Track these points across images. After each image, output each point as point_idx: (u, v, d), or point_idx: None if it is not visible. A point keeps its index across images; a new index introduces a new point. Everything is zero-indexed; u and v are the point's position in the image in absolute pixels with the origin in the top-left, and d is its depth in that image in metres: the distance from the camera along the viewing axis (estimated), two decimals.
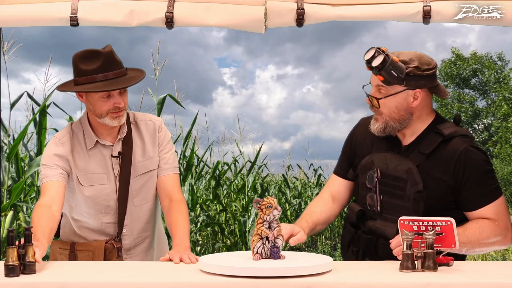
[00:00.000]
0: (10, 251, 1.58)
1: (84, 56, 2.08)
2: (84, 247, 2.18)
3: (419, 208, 1.93)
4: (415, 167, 1.96)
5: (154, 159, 2.23)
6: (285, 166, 11.79)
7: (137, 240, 2.23)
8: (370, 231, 2.02)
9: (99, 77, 2.06)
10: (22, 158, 5.89)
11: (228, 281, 1.52)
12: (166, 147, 2.26)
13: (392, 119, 1.99)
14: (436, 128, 1.99)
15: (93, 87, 2.05)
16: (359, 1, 2.05)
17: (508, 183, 19.00)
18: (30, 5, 2.08)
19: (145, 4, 2.07)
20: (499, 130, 22.06)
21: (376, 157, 2.05)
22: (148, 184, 2.22)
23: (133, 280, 1.56)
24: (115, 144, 2.19)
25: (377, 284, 1.53)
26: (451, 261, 1.74)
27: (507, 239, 1.92)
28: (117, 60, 2.11)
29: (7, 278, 1.56)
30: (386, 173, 2.01)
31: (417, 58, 1.95)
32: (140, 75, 2.15)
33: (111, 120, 2.11)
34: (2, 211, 4.54)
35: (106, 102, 2.08)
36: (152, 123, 2.28)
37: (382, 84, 1.96)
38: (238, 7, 2.07)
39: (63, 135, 2.20)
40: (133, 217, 2.20)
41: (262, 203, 1.65)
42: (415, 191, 1.94)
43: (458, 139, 1.96)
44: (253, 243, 1.67)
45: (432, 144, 1.97)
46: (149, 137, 2.24)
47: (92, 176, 2.16)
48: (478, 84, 25.71)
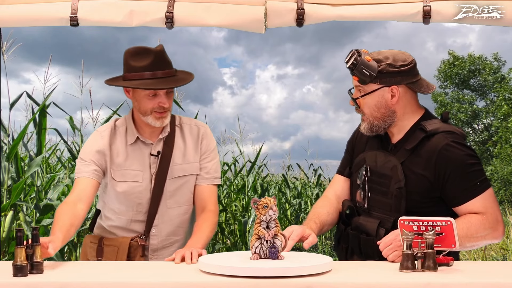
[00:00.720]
0: (18, 251, 1.58)
1: (135, 52, 2.09)
2: (111, 242, 2.18)
3: (401, 205, 1.95)
4: (399, 164, 1.98)
5: (193, 164, 2.21)
6: (285, 166, 11.79)
7: (165, 242, 2.21)
8: (355, 227, 2.06)
9: (148, 74, 2.06)
10: (22, 158, 5.90)
11: (228, 281, 1.52)
12: (209, 156, 2.24)
13: (374, 118, 2.03)
14: (420, 124, 2.01)
15: (140, 84, 2.06)
16: (359, 1, 2.05)
17: (508, 183, 18.99)
18: (30, 5, 2.08)
19: (145, 4, 2.07)
20: (499, 130, 22.06)
21: (368, 155, 2.09)
22: (183, 188, 2.20)
23: (133, 280, 1.56)
24: (156, 143, 2.19)
25: (377, 284, 1.53)
26: (451, 261, 1.74)
27: (498, 232, 1.90)
28: (167, 60, 2.11)
29: (15, 277, 1.56)
30: (374, 171, 2.04)
31: (392, 56, 1.98)
32: (188, 77, 2.15)
33: (154, 120, 2.11)
34: (2, 211, 4.54)
35: (152, 101, 2.09)
36: (197, 128, 2.27)
37: (359, 84, 2.02)
38: (238, 7, 2.07)
39: (104, 129, 2.21)
40: (164, 218, 2.18)
41: (259, 203, 1.66)
42: (396, 188, 1.96)
43: (441, 135, 1.96)
44: (251, 243, 1.67)
45: (415, 140, 1.99)
46: (191, 142, 2.23)
47: (127, 172, 2.16)
48: (477, 84, 25.72)
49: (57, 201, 5.13)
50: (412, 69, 2.00)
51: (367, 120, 2.05)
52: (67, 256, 5.56)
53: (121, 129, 2.21)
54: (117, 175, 2.16)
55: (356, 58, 1.96)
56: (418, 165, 1.96)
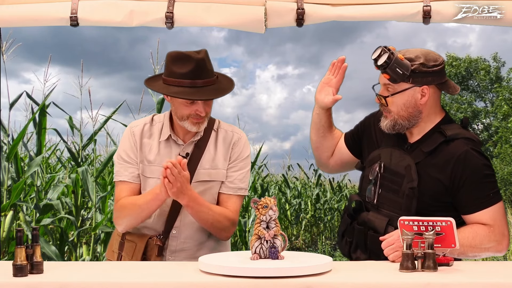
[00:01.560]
0: (18, 251, 1.57)
1: (176, 57, 2.05)
2: (131, 237, 2.17)
3: (412, 205, 1.94)
4: (414, 164, 1.97)
5: (220, 171, 2.18)
6: (285, 166, 11.81)
7: (185, 245, 2.18)
8: (363, 222, 2.04)
9: (186, 82, 2.02)
10: (22, 158, 5.90)
11: (227, 281, 1.52)
12: (238, 165, 2.20)
13: (400, 117, 2.00)
14: (440, 128, 2.00)
15: (178, 92, 2.03)
16: (359, 1, 2.05)
17: (508, 183, 19.00)
18: (30, 5, 2.08)
19: (145, 4, 2.07)
20: (499, 130, 22.06)
21: (383, 152, 2.07)
22: (207, 193, 2.17)
23: (133, 280, 1.56)
24: (187, 144, 2.17)
25: (377, 284, 1.53)
26: (451, 261, 1.74)
27: (502, 246, 1.90)
28: (208, 68, 2.07)
29: (15, 277, 1.56)
30: (388, 168, 2.02)
31: (423, 55, 1.95)
32: (228, 87, 2.12)
33: (191, 125, 2.09)
34: (2, 211, 4.54)
35: (189, 108, 2.06)
36: (232, 134, 2.23)
37: (389, 82, 1.97)
38: (238, 7, 2.07)
39: (136, 124, 2.22)
40: (185, 221, 2.16)
41: (259, 203, 1.66)
42: (409, 187, 1.95)
43: (461, 141, 1.95)
44: (251, 243, 1.67)
45: (433, 143, 1.97)
46: (223, 148, 2.20)
47: (156, 168, 2.13)
48: (475, 85, 25.74)
49: (56, 201, 5.13)
50: (442, 69, 1.99)
51: (392, 118, 2.02)
52: (67, 256, 5.57)
53: (158, 124, 2.20)
54: (146, 171, 2.16)
55: (390, 56, 1.92)
56: (434, 168, 1.95)
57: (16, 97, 4.97)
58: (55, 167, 7.90)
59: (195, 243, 2.19)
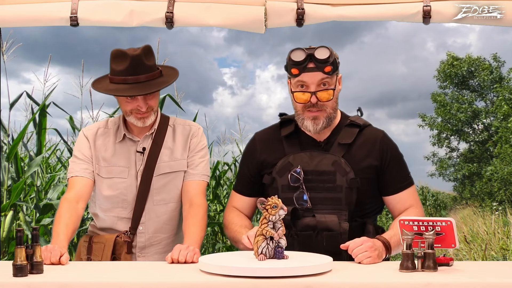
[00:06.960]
0: (18, 251, 1.58)
1: (115, 55, 2.09)
2: (98, 239, 2.19)
3: (352, 196, 1.98)
4: (341, 158, 2.01)
5: (180, 161, 2.21)
6: None
7: (153, 240, 2.21)
8: (309, 227, 1.98)
9: (121, 79, 2.07)
10: (22, 158, 5.90)
11: (228, 281, 1.52)
12: (198, 154, 2.24)
13: (333, 109, 2.06)
14: (349, 120, 2.09)
15: (113, 89, 2.08)
16: (359, 1, 2.06)
17: (508, 183, 18.96)
18: (30, 5, 2.08)
19: (145, 4, 2.07)
20: (499, 130, 22.04)
21: (293, 158, 2.06)
22: (171, 185, 2.20)
23: (133, 280, 1.57)
24: (142, 139, 2.21)
25: (377, 284, 1.53)
26: (451, 261, 1.74)
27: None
28: (145, 63, 2.08)
29: (15, 277, 1.56)
30: (309, 170, 2.02)
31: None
32: (168, 80, 2.13)
33: (136, 120, 2.14)
34: (2, 211, 4.54)
35: (130, 104, 2.11)
36: (189, 127, 2.28)
37: (327, 76, 1.98)
38: (238, 7, 2.07)
39: (89, 128, 2.26)
40: (151, 215, 2.19)
41: (267, 203, 1.65)
42: (347, 180, 1.99)
43: (371, 128, 2.11)
44: (257, 244, 1.65)
45: (350, 134, 2.06)
46: (182, 140, 2.24)
47: (113, 168, 2.18)
48: (476, 85, 25.73)
49: (57, 201, 5.12)
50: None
51: (327, 114, 2.03)
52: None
53: (113, 128, 2.25)
54: (103, 172, 2.19)
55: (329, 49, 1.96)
56: (361, 155, 2.03)
57: (16, 97, 4.97)
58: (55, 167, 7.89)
59: (164, 237, 2.22)
